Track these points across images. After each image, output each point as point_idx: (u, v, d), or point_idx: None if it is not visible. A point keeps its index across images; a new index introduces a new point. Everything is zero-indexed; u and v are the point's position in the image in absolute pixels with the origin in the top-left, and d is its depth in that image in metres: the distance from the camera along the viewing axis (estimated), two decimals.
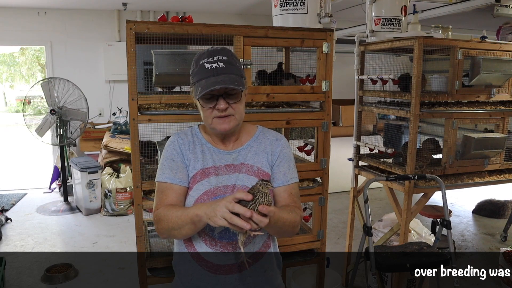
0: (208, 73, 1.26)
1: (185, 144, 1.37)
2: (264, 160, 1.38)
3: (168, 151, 1.38)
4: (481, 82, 2.67)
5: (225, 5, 5.82)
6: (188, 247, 1.35)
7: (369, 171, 2.99)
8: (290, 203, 1.35)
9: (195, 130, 1.42)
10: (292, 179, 1.39)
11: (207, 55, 1.29)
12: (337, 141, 4.47)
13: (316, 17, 2.40)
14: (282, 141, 1.42)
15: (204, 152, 1.37)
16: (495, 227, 4.41)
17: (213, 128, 1.33)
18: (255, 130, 1.44)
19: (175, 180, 1.33)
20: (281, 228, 1.27)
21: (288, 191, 1.37)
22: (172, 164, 1.35)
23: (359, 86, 3.01)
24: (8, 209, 4.92)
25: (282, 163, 1.39)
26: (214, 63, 1.27)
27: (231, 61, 1.30)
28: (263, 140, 1.41)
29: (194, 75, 1.31)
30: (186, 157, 1.36)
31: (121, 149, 5.08)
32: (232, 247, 1.32)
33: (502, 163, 2.90)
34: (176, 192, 1.32)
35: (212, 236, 1.32)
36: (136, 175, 1.94)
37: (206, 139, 1.40)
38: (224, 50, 1.31)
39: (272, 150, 1.40)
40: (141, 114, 1.92)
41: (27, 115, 5.00)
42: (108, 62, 5.97)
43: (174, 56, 1.91)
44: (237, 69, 1.30)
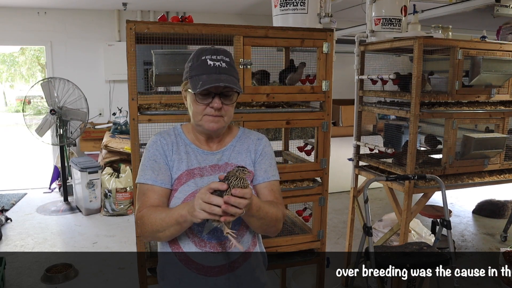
0: (211, 70, 1.26)
1: (168, 144, 1.36)
2: (248, 159, 1.39)
3: (150, 152, 1.36)
4: (481, 82, 2.67)
5: (225, 5, 5.82)
6: (175, 249, 1.33)
7: (369, 171, 2.99)
8: (273, 200, 1.36)
9: (178, 130, 1.41)
10: (273, 176, 1.40)
11: (210, 53, 1.29)
12: (337, 141, 4.47)
13: (316, 17, 2.40)
14: (264, 140, 1.44)
15: (188, 153, 1.36)
16: (495, 227, 4.41)
17: (200, 125, 1.33)
18: (237, 130, 1.45)
19: (156, 181, 1.31)
20: (264, 220, 1.26)
21: (269, 188, 1.38)
22: (154, 165, 1.33)
23: (359, 86, 3.01)
24: (8, 209, 4.92)
25: (263, 161, 1.40)
26: (217, 62, 1.27)
27: (232, 64, 1.32)
28: (245, 140, 1.42)
29: (193, 69, 1.30)
30: (169, 158, 1.35)
31: (121, 149, 5.08)
32: (222, 247, 1.31)
33: (502, 163, 2.90)
34: (158, 194, 1.31)
35: (201, 237, 1.31)
36: (136, 175, 1.93)
37: (189, 139, 1.39)
38: (226, 52, 1.32)
39: (255, 149, 1.41)
40: (141, 114, 1.92)
41: (27, 115, 5.00)
42: (108, 62, 5.97)
43: (174, 56, 1.91)
44: (236, 72, 1.32)
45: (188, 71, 1.32)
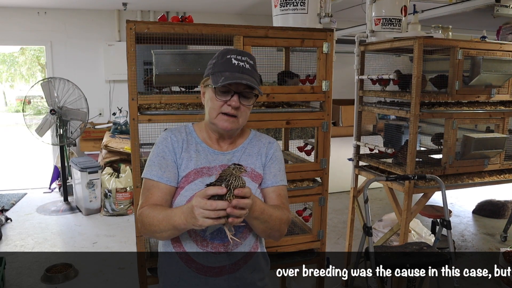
0: (235, 68, 1.28)
1: (178, 142, 1.36)
2: (258, 162, 1.39)
3: (159, 148, 1.35)
4: (481, 82, 2.67)
5: (225, 5, 5.82)
6: (177, 247, 1.33)
7: (369, 171, 2.99)
8: (279, 204, 1.36)
9: (189, 129, 1.41)
10: (282, 181, 1.40)
11: (236, 53, 1.31)
12: (337, 141, 4.47)
13: (316, 17, 2.40)
14: (275, 144, 1.44)
15: (199, 151, 1.36)
16: (495, 227, 4.41)
17: (214, 123, 1.33)
18: (248, 133, 1.45)
19: (162, 178, 1.31)
20: (268, 223, 1.26)
21: (276, 192, 1.37)
22: (162, 162, 1.33)
23: (359, 86, 3.01)
24: (8, 209, 4.92)
25: (273, 165, 1.40)
26: (242, 62, 1.29)
27: (255, 68, 1.34)
28: (257, 143, 1.42)
29: (216, 66, 1.31)
30: (178, 155, 1.34)
31: (121, 149, 5.08)
32: (224, 248, 1.31)
33: (502, 163, 2.90)
34: (162, 192, 1.30)
35: (204, 237, 1.30)
36: (136, 175, 1.94)
37: (201, 138, 1.39)
38: (252, 56, 1.35)
39: (266, 152, 1.40)
40: (141, 114, 1.92)
41: (27, 115, 5.00)
42: (108, 62, 5.97)
43: (174, 56, 1.91)
44: (257, 76, 1.35)
45: (211, 67, 1.33)
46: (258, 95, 1.33)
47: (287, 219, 1.34)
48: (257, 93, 1.31)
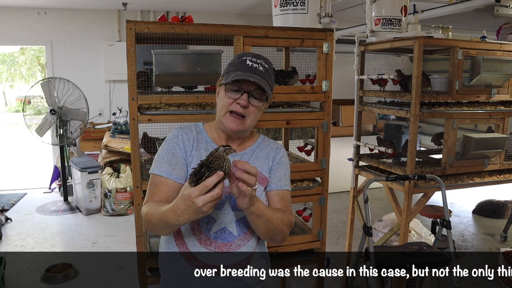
0: (247, 69, 1.30)
1: (189, 140, 1.36)
2: (265, 165, 1.40)
3: (170, 144, 1.35)
4: (481, 82, 2.67)
5: (225, 5, 5.82)
6: (180, 246, 1.33)
7: (369, 171, 2.99)
8: (282, 208, 1.36)
9: (199, 128, 1.42)
10: (286, 186, 1.40)
11: (252, 55, 1.33)
12: (337, 141, 4.47)
13: (316, 17, 2.40)
14: (282, 150, 1.46)
15: (208, 150, 1.36)
16: (495, 227, 4.41)
17: (221, 122, 1.34)
18: (257, 137, 1.46)
19: (171, 175, 1.30)
20: (270, 224, 1.26)
21: (280, 196, 1.38)
22: (171, 158, 1.33)
23: (359, 86, 3.01)
24: (8, 209, 4.92)
25: (279, 169, 1.40)
26: (256, 64, 1.31)
27: (270, 72, 1.34)
28: (265, 147, 1.43)
29: (231, 66, 1.34)
30: (189, 153, 1.35)
31: (121, 149, 5.08)
32: (227, 248, 1.31)
33: (502, 163, 2.90)
34: (169, 188, 1.30)
35: (208, 236, 1.31)
36: (136, 175, 1.94)
37: (210, 137, 1.39)
38: (268, 60, 1.35)
39: (273, 157, 1.42)
40: (141, 114, 1.92)
41: (27, 115, 5.00)
42: (108, 62, 5.97)
43: (174, 56, 1.91)
44: (271, 81, 1.35)
45: (226, 67, 1.36)
46: (269, 98, 1.34)
47: (289, 221, 1.34)
48: (268, 95, 1.32)
